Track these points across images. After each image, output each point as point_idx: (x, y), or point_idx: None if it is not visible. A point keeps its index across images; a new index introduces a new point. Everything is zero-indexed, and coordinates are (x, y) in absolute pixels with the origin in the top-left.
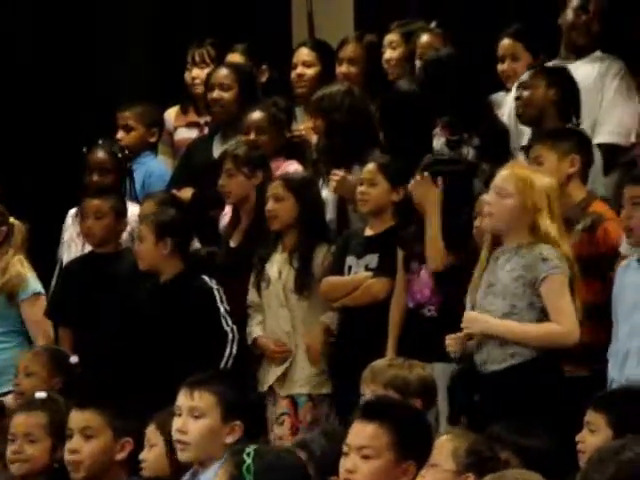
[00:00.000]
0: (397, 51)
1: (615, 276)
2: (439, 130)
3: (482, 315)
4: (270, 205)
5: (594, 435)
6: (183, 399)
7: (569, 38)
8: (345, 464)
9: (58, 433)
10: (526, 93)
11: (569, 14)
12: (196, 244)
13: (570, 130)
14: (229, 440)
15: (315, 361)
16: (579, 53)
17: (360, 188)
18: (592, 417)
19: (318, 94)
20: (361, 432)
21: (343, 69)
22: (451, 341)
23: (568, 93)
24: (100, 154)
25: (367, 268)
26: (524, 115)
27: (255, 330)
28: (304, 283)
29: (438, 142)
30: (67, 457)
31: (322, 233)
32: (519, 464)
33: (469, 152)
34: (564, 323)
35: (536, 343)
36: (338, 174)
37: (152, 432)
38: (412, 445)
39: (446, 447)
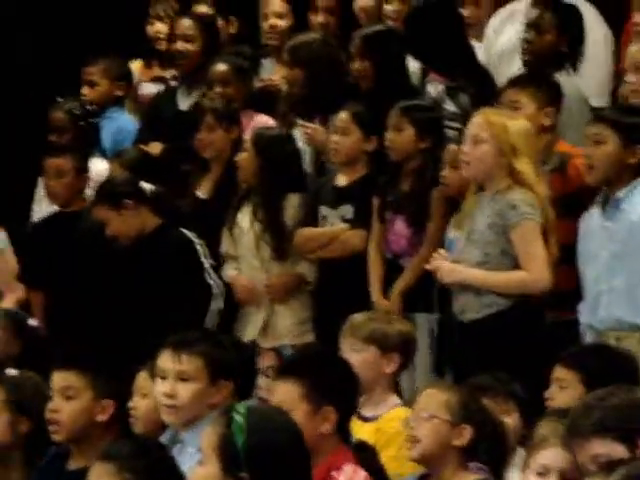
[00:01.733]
0: None
1: (579, 224)
2: (434, 76)
3: (456, 265)
4: (237, 156)
5: (564, 391)
6: (169, 362)
7: None
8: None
9: (18, 409)
10: (534, 37)
11: None
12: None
13: (550, 81)
14: (216, 400)
15: (275, 300)
16: None
17: (333, 137)
18: (562, 374)
19: (294, 43)
20: (277, 392)
21: (320, 19)
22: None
23: (577, 39)
24: (57, 113)
25: (343, 219)
26: (529, 59)
27: (229, 274)
28: (278, 240)
29: (435, 89)
30: (47, 416)
31: (292, 186)
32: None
33: (465, 100)
34: (533, 270)
35: (507, 291)
36: (310, 126)
37: (144, 380)
38: (326, 392)
39: (437, 398)
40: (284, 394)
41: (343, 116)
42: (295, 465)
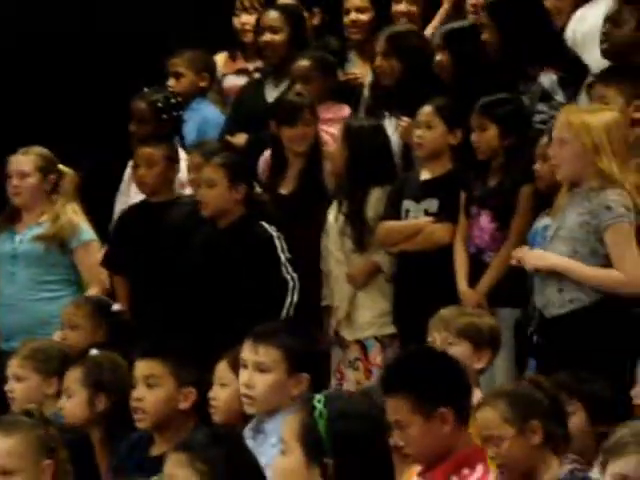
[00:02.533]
0: None
1: None
2: (545, 68)
3: (544, 252)
4: (329, 147)
5: None
6: (248, 353)
7: None
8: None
9: (96, 386)
10: (612, 29)
11: None
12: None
13: (636, 72)
14: (295, 392)
15: (356, 287)
16: None
17: (417, 132)
18: None
19: (391, 32)
20: (389, 408)
21: (401, 7)
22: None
23: None
24: (138, 104)
25: (427, 212)
26: (608, 52)
27: None
28: (360, 235)
29: (549, 80)
30: (132, 404)
31: (381, 178)
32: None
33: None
34: (627, 271)
35: (599, 287)
36: (406, 121)
37: (224, 370)
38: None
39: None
40: (396, 411)
41: (427, 110)
42: (376, 450)
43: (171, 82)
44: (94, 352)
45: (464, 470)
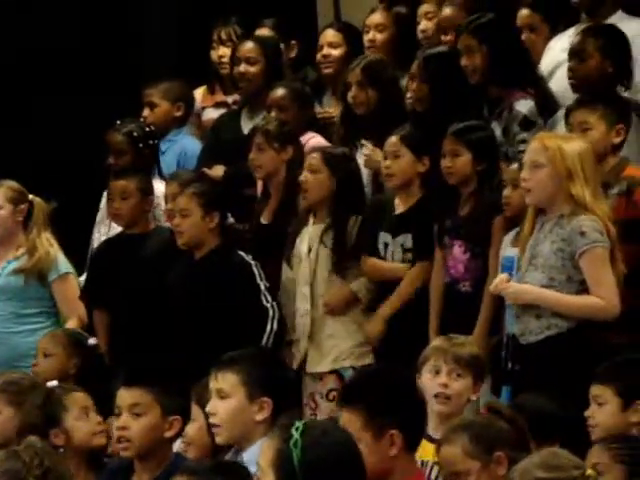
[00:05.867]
0: (433, 22)
1: None
2: (520, 94)
3: (529, 286)
4: (304, 176)
5: (602, 408)
6: (212, 382)
7: None
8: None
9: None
10: (578, 64)
11: None
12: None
13: (617, 97)
14: (259, 417)
15: (333, 314)
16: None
17: (385, 162)
18: (598, 390)
19: (366, 63)
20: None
21: (370, 36)
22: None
23: (622, 58)
24: (115, 136)
25: (403, 248)
26: (577, 86)
27: None
28: (340, 261)
29: (527, 107)
30: (116, 434)
31: (358, 209)
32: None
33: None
34: (605, 296)
35: (578, 314)
36: (369, 147)
37: (193, 406)
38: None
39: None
40: (348, 425)
41: (392, 140)
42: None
43: (145, 112)
44: (53, 383)
45: None
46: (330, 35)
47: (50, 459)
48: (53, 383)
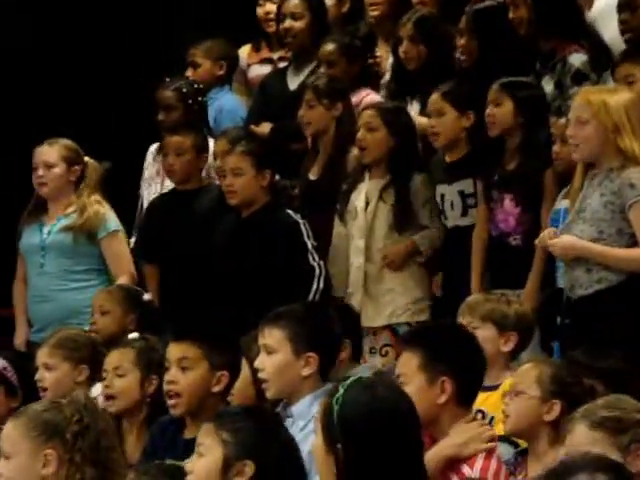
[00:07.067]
0: None
1: None
2: (574, 47)
3: (574, 238)
4: (362, 135)
5: None
6: (259, 337)
7: None
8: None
9: (147, 368)
10: (629, 16)
11: None
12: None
13: None
14: (305, 372)
15: (392, 268)
16: None
17: (429, 121)
18: None
19: (417, 18)
20: (399, 362)
21: None
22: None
23: None
24: (164, 92)
25: (462, 194)
26: (632, 40)
27: None
28: (403, 218)
29: (580, 60)
30: (165, 388)
31: (418, 165)
32: (603, 388)
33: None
34: None
35: (628, 268)
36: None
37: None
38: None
39: (530, 374)
40: (404, 364)
41: (434, 97)
42: (393, 439)
43: (189, 72)
44: (133, 335)
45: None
46: None
47: (92, 416)
48: (134, 335)
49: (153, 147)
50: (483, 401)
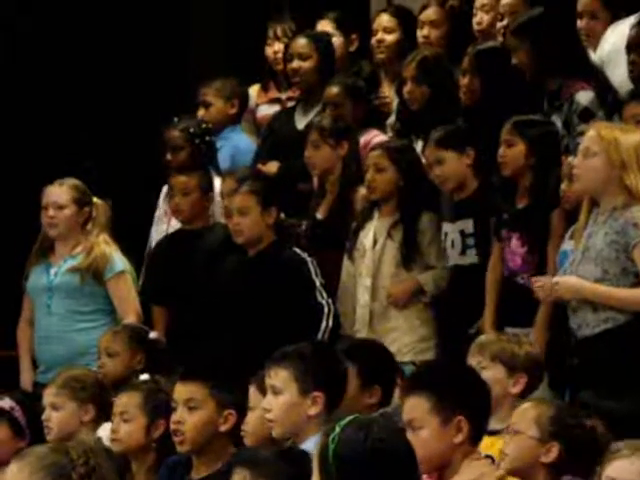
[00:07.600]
0: (489, 15)
1: None
2: (580, 84)
3: (578, 280)
4: (370, 175)
5: None
6: (267, 377)
7: None
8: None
9: (154, 412)
10: (638, 57)
11: None
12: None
13: None
14: (312, 412)
15: (396, 306)
16: None
17: (434, 172)
18: None
19: (421, 58)
20: (406, 407)
21: (424, 32)
22: (539, 287)
23: None
24: (172, 132)
25: (463, 233)
26: (637, 78)
27: None
28: (410, 256)
29: (587, 98)
30: (172, 428)
31: (426, 202)
32: (605, 429)
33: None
34: None
35: (633, 308)
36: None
37: (252, 394)
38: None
39: (529, 414)
40: (413, 410)
41: (429, 150)
42: (388, 478)
43: (201, 112)
44: (144, 377)
45: None
46: (385, 20)
47: (97, 459)
48: (144, 377)
49: (165, 188)
50: (490, 447)
